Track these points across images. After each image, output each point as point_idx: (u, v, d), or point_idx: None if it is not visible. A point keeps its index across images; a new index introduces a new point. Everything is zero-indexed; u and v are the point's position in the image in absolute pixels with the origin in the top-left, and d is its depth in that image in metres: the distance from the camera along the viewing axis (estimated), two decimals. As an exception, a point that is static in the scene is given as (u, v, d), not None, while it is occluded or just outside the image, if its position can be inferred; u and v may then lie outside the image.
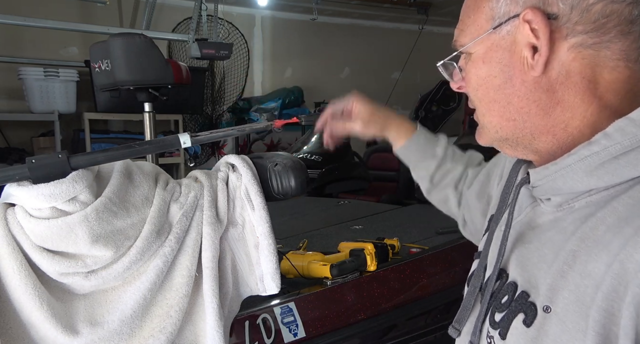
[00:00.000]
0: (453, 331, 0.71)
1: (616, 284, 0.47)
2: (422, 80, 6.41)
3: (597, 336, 0.48)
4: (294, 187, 1.04)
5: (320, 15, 5.10)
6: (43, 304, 0.81)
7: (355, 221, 1.96)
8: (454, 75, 0.68)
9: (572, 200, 0.57)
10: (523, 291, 0.59)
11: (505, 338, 0.60)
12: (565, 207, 0.58)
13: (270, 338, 1.05)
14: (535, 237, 0.61)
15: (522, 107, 0.59)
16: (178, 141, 0.96)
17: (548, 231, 0.59)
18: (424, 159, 1.00)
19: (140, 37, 1.88)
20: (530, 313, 0.56)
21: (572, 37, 0.55)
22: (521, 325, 0.57)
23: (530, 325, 0.56)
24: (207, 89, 4.64)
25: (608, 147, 0.53)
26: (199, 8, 3.81)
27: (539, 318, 0.55)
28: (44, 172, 0.83)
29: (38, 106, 3.64)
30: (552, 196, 0.60)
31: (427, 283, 1.40)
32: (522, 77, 0.58)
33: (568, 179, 0.56)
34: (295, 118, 1.09)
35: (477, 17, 0.61)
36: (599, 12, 0.53)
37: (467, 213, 0.96)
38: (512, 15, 0.57)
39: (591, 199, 0.55)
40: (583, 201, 0.56)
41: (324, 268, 1.21)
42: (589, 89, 0.56)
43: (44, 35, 3.92)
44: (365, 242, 1.33)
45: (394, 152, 1.03)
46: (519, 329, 0.58)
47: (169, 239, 0.93)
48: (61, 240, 0.83)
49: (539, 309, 0.55)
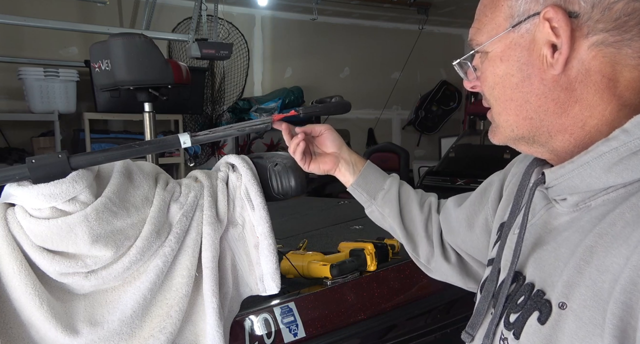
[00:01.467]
0: (466, 336, 0.70)
1: (635, 277, 0.47)
2: (422, 80, 6.42)
3: (615, 329, 0.47)
4: (294, 187, 1.03)
5: (320, 15, 5.10)
6: (43, 304, 0.81)
7: (355, 221, 1.96)
8: (469, 74, 0.68)
9: (588, 199, 0.57)
10: (539, 290, 0.59)
11: (519, 337, 0.59)
12: (582, 206, 0.58)
13: (270, 338, 1.05)
14: (552, 238, 0.61)
15: (540, 105, 0.59)
16: (178, 141, 0.96)
17: (565, 231, 0.59)
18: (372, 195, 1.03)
19: (140, 37, 1.88)
20: (545, 310, 0.56)
21: (593, 35, 0.55)
22: (535, 323, 0.57)
23: (545, 322, 0.56)
24: (207, 89, 4.64)
25: (627, 143, 0.53)
26: (199, 8, 3.81)
27: (554, 315, 0.55)
28: (44, 172, 0.83)
29: (38, 105, 3.64)
30: (568, 195, 0.59)
31: (427, 283, 1.40)
32: (541, 76, 0.58)
33: (586, 177, 0.56)
34: (294, 111, 1.08)
35: (495, 15, 0.61)
36: (620, 10, 0.53)
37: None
38: (532, 13, 0.57)
39: (608, 197, 0.55)
40: (600, 200, 0.56)
41: (324, 268, 1.21)
42: (609, 88, 0.56)
43: (44, 35, 3.92)
44: (365, 242, 1.32)
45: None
46: (533, 327, 0.57)
47: (169, 239, 0.93)
48: (61, 240, 0.83)
49: (554, 306, 0.55)
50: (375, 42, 5.96)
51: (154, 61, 1.88)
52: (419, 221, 0.99)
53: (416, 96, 6.44)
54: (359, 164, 1.02)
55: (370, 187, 1.01)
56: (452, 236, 0.94)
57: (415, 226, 0.99)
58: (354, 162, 1.02)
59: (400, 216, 0.98)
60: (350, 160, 1.02)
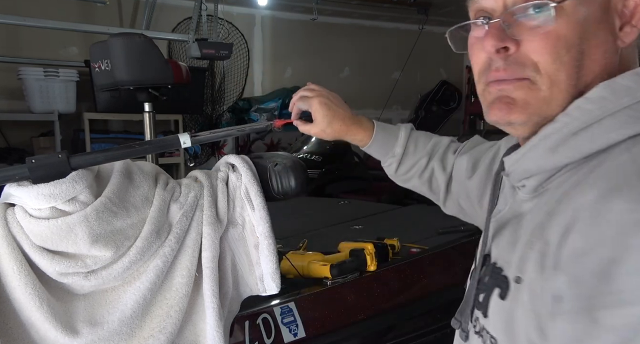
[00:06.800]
0: (455, 322, 0.72)
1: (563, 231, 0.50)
2: (422, 81, 6.41)
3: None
4: (294, 187, 1.03)
5: (320, 15, 5.09)
6: (43, 304, 0.81)
7: (355, 221, 1.96)
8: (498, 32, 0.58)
9: (545, 182, 0.59)
10: (498, 267, 0.61)
11: (487, 315, 0.62)
12: (541, 191, 0.59)
13: (270, 338, 1.05)
14: (516, 223, 0.63)
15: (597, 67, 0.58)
16: (178, 141, 0.96)
17: (527, 215, 0.61)
18: (385, 158, 1.03)
19: (140, 37, 1.88)
20: (504, 286, 0.58)
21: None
22: (498, 299, 0.59)
23: (505, 297, 0.58)
24: (207, 89, 4.64)
25: (568, 124, 0.55)
26: (199, 8, 3.81)
27: (512, 290, 0.57)
28: (44, 172, 0.83)
29: (38, 105, 3.64)
30: (525, 180, 0.61)
31: (427, 283, 1.40)
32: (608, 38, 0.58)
33: (535, 159, 0.58)
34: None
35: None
36: None
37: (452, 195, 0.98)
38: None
39: (561, 179, 0.57)
40: (555, 182, 0.58)
41: (324, 268, 1.21)
42: None
43: (43, 35, 3.92)
44: (365, 242, 1.33)
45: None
46: (497, 303, 0.60)
47: (169, 239, 0.93)
48: (61, 240, 0.83)
49: (511, 282, 0.57)
50: (375, 42, 5.96)
51: (154, 61, 1.88)
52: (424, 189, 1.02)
53: (416, 96, 6.44)
54: (360, 132, 1.02)
55: (381, 154, 1.04)
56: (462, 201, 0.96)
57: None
58: (349, 131, 1.02)
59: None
60: (343, 130, 1.02)
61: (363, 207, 2.34)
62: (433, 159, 1.00)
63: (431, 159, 1.00)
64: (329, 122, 1.01)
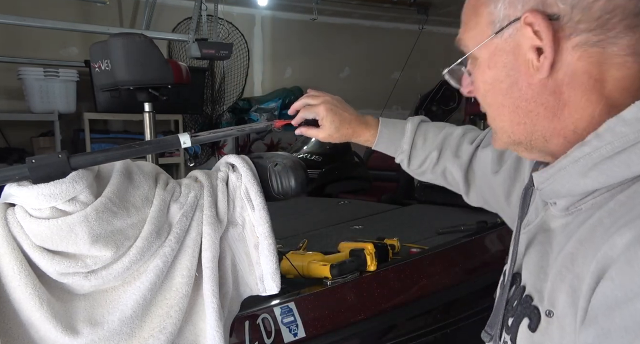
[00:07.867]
0: (485, 336, 0.69)
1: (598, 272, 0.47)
2: (422, 80, 6.40)
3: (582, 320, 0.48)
4: (294, 187, 1.04)
5: (320, 15, 5.09)
6: (43, 304, 0.81)
7: (355, 221, 1.96)
8: (463, 79, 0.68)
9: (578, 202, 0.56)
10: (527, 295, 0.59)
11: (515, 342, 0.60)
12: (573, 210, 0.57)
13: (270, 338, 1.05)
14: (546, 240, 0.61)
15: (531, 110, 0.58)
16: (178, 141, 0.96)
17: (558, 236, 0.58)
18: (396, 155, 1.04)
19: (140, 37, 1.88)
20: (534, 318, 0.56)
21: (575, 36, 0.53)
22: (527, 330, 0.57)
23: (535, 330, 0.56)
24: (207, 89, 4.63)
25: (599, 148, 0.52)
26: (199, 8, 3.81)
27: (543, 323, 0.55)
28: (44, 172, 0.83)
29: (38, 105, 3.64)
30: (556, 199, 0.59)
31: (427, 283, 1.40)
32: (528, 80, 0.57)
33: (565, 182, 0.56)
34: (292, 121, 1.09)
35: (478, 21, 0.60)
36: (601, 8, 0.52)
37: (475, 187, 0.97)
38: (512, 19, 0.56)
39: (594, 201, 0.54)
40: (589, 203, 0.55)
41: (324, 268, 1.21)
42: (596, 89, 0.54)
43: (43, 35, 3.92)
44: (365, 242, 1.32)
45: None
46: (525, 334, 0.57)
47: (169, 239, 0.93)
48: (61, 240, 0.83)
49: (542, 314, 0.55)
50: (375, 42, 5.95)
51: (154, 61, 1.88)
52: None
53: (416, 96, 6.43)
54: (365, 132, 1.04)
55: (390, 151, 1.06)
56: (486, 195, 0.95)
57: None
58: (355, 133, 1.04)
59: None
60: (350, 133, 1.04)
61: (363, 207, 2.34)
62: (445, 152, 0.99)
63: (442, 152, 0.99)
64: (336, 127, 1.02)
